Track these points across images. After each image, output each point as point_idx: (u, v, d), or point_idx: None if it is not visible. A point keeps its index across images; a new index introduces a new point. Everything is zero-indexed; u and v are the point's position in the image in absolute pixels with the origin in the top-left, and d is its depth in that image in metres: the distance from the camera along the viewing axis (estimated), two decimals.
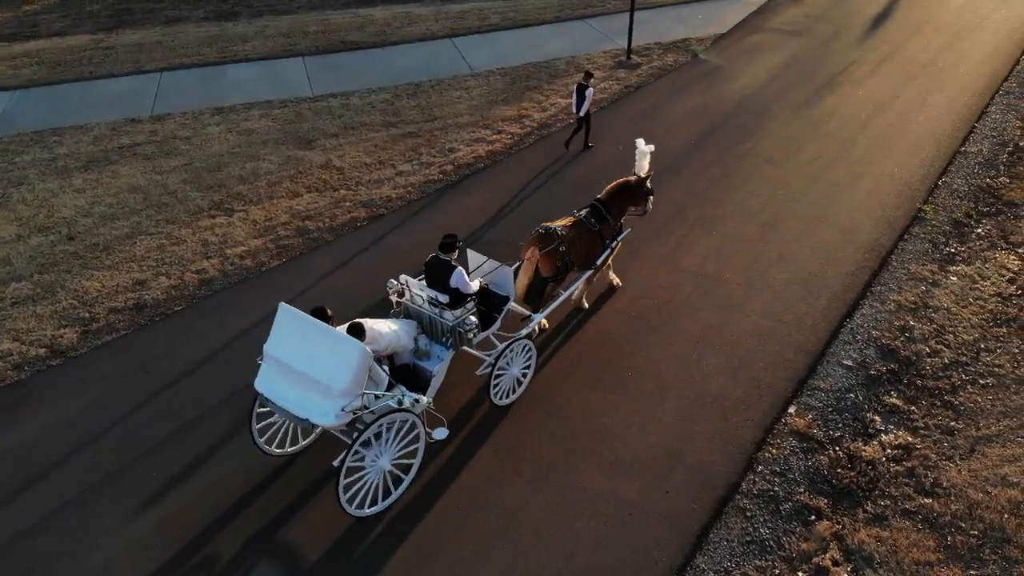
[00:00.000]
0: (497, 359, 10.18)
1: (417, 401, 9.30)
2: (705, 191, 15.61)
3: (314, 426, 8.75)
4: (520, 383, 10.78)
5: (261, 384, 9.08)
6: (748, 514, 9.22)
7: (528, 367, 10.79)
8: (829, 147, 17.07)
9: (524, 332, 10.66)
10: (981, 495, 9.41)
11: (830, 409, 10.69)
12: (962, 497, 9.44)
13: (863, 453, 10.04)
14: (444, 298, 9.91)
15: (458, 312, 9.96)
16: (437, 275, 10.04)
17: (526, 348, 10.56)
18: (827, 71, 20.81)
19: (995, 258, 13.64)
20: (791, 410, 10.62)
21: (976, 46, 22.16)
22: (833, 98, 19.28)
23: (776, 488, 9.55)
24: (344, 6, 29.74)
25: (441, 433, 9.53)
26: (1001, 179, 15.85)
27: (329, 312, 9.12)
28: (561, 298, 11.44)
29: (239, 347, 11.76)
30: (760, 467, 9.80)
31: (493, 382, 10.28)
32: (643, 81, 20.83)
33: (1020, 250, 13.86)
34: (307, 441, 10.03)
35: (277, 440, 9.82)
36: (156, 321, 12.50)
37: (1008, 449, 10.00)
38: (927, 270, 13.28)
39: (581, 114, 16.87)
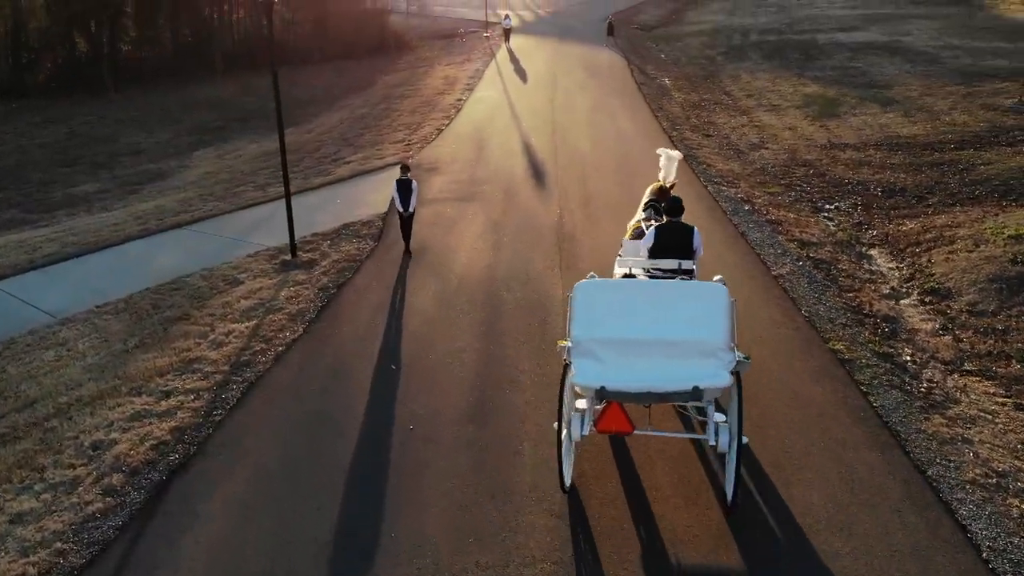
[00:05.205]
0: None
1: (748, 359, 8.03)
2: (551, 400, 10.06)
3: (698, 395, 7.34)
4: None
5: (593, 377, 7.42)
6: None
7: None
8: None
9: None
10: None
11: None
12: None
13: None
14: (689, 264, 9.10)
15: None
16: (675, 241, 9.15)
17: None
18: (540, 231, 16.93)
19: (965, 386, 10.40)
20: None
21: (650, 181, 20.39)
22: (586, 258, 15.26)
23: None
24: None
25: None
26: (848, 295, 13.13)
27: None
28: None
29: None
30: None
31: None
32: (336, 279, 14.76)
33: (967, 366, 10.88)
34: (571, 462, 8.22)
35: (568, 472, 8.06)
36: None
37: None
38: (940, 426, 9.41)
39: (411, 210, 15.44)
